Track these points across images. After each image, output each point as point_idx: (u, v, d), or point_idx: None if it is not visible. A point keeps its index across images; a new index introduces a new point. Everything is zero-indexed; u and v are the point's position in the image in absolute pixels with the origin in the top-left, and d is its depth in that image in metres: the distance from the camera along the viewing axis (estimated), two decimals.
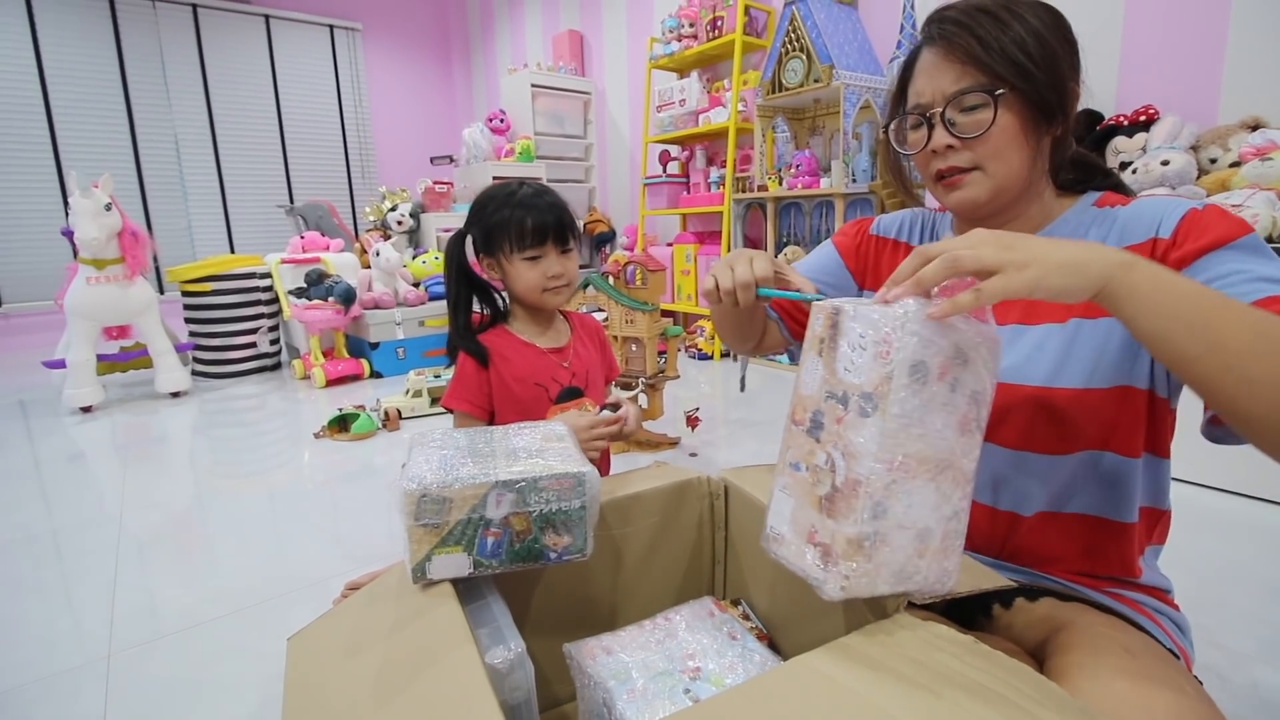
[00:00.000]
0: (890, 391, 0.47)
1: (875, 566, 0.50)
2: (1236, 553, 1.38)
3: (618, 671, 0.65)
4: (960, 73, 0.65)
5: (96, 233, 2.63)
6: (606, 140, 4.71)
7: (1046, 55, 0.63)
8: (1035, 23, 0.64)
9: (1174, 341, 0.47)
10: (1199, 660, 0.89)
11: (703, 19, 3.47)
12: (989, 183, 0.67)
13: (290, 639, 0.63)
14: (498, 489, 0.63)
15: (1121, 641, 0.57)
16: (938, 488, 0.51)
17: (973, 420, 0.52)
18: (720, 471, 0.86)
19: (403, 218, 3.93)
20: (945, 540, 0.53)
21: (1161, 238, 0.61)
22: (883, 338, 0.48)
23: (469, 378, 1.06)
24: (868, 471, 0.48)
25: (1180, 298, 0.47)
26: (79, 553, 1.55)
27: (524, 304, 1.11)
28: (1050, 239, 0.50)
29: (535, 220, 1.02)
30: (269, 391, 3.13)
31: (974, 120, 0.65)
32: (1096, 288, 0.48)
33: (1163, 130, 2.03)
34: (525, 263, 1.04)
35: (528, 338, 1.10)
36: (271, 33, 5.24)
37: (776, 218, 3.25)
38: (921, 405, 0.49)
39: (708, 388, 2.95)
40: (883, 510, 0.49)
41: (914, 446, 0.49)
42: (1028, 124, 0.65)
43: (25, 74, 4.35)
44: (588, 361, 1.14)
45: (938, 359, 0.49)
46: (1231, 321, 0.46)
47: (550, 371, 1.09)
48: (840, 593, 0.50)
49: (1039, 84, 0.63)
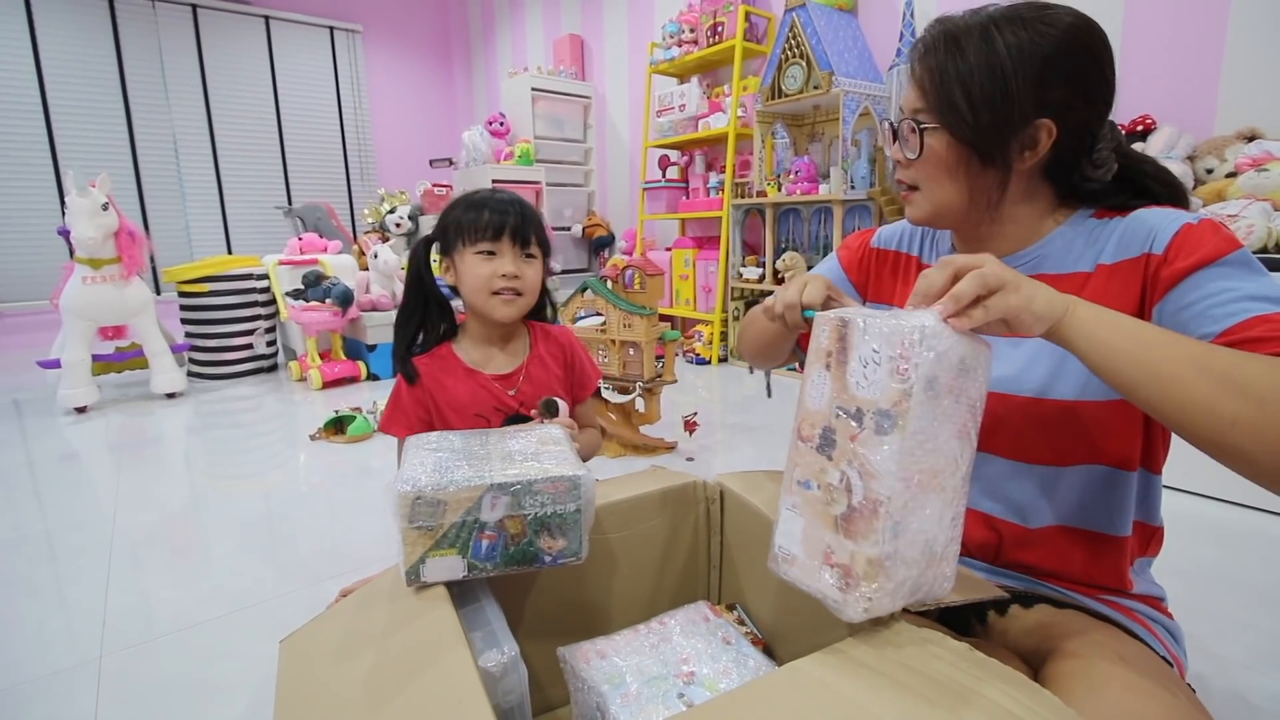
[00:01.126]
0: (910, 409, 0.47)
1: (895, 585, 0.49)
2: (1229, 561, 1.38)
3: (612, 676, 0.65)
4: (914, 95, 0.67)
5: (93, 232, 2.62)
6: (606, 144, 4.72)
7: (993, 96, 0.61)
8: (1003, 54, 0.61)
9: (1116, 370, 0.51)
10: (1192, 669, 0.90)
11: (703, 25, 3.49)
12: (925, 204, 0.70)
13: (282, 641, 0.63)
14: (493, 492, 0.63)
15: (1115, 649, 0.57)
16: (943, 498, 0.51)
17: (970, 427, 0.52)
18: (716, 476, 0.86)
19: (401, 220, 3.93)
20: (946, 547, 0.53)
21: (1154, 253, 0.61)
22: (900, 353, 0.47)
23: (403, 401, 0.98)
24: (888, 491, 0.47)
25: (1119, 332, 0.51)
26: (72, 553, 1.54)
27: (474, 312, 1.01)
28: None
29: (492, 213, 0.94)
30: (265, 393, 3.13)
31: (912, 143, 0.68)
32: (1055, 321, 0.53)
33: (1159, 140, 2.04)
34: (476, 257, 0.95)
35: (472, 362, 1.00)
36: (271, 34, 5.24)
37: (775, 223, 3.25)
38: (934, 420, 0.49)
39: (705, 393, 2.95)
40: (902, 529, 0.49)
41: (927, 461, 0.49)
42: (956, 159, 0.65)
43: (23, 72, 4.35)
44: (543, 385, 1.03)
45: (947, 373, 0.49)
46: (1164, 352, 0.50)
47: (493, 400, 0.99)
48: (863, 614, 0.49)
49: (966, 126, 0.63)
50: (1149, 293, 0.61)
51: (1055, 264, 0.68)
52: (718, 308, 3.48)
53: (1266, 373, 0.47)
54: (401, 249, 3.90)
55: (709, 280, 3.58)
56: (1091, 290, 0.64)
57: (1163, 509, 0.72)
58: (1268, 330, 0.51)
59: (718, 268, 3.48)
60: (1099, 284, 0.64)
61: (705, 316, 3.58)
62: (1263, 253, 1.72)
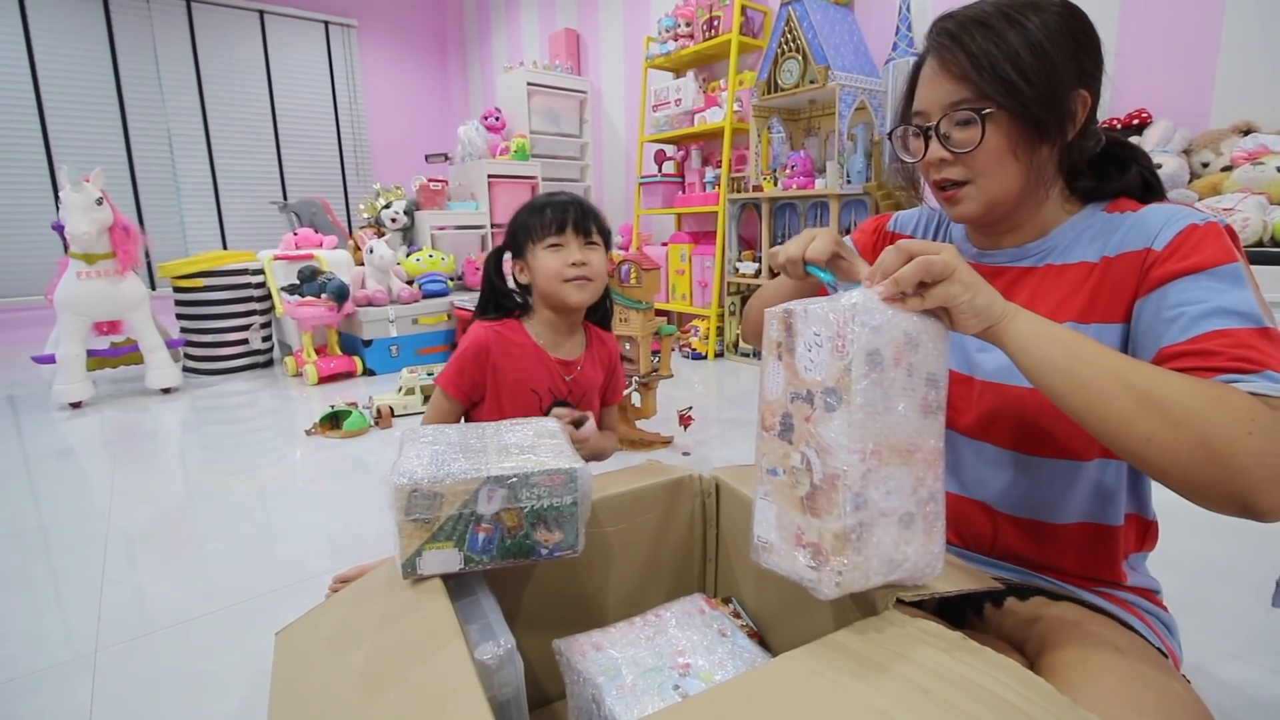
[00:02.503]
0: (852, 382, 0.49)
1: (865, 558, 0.51)
2: (1222, 554, 1.39)
3: (607, 668, 0.65)
4: (953, 88, 0.64)
5: (87, 227, 2.60)
6: (602, 139, 4.71)
7: (1042, 68, 0.61)
8: (1036, 31, 0.62)
9: (1046, 379, 0.53)
10: (1186, 660, 0.90)
11: (699, 19, 3.48)
12: (982, 196, 0.67)
13: (278, 633, 0.63)
14: (489, 484, 0.63)
15: (1111, 640, 0.58)
16: (911, 471, 0.53)
17: (933, 402, 0.54)
18: (712, 470, 0.86)
19: (397, 215, 3.92)
20: (926, 523, 0.54)
21: (1154, 249, 0.60)
22: (836, 332, 0.50)
23: (466, 362, 1.07)
24: (843, 464, 0.49)
25: (1053, 343, 0.53)
26: (67, 548, 1.54)
27: (549, 304, 1.10)
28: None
29: (555, 210, 1.05)
30: (261, 388, 3.12)
31: (965, 136, 0.65)
32: (993, 323, 0.55)
33: (1155, 134, 2.04)
34: (547, 251, 1.05)
35: (540, 342, 1.10)
36: (266, 28, 5.21)
37: (771, 218, 3.25)
38: (883, 393, 0.51)
39: (701, 387, 2.96)
40: (863, 501, 0.50)
41: (882, 433, 0.51)
42: (1019, 140, 0.64)
43: (17, 67, 4.32)
44: (590, 382, 1.14)
45: (890, 346, 0.51)
46: (1093, 367, 0.52)
47: (551, 380, 1.09)
48: (836, 589, 0.51)
49: (1028, 101, 0.62)
50: (1139, 286, 0.61)
51: (1063, 254, 0.68)
52: (714, 302, 3.48)
53: (1186, 393, 0.49)
54: (397, 244, 3.89)
55: (705, 275, 3.58)
56: (1095, 280, 0.65)
57: (1155, 502, 0.72)
58: (1221, 345, 0.53)
59: (714, 262, 3.48)
60: (1101, 274, 0.64)
61: (701, 311, 3.58)
62: (1258, 246, 1.73)
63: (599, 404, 1.19)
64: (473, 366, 1.07)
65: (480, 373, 1.08)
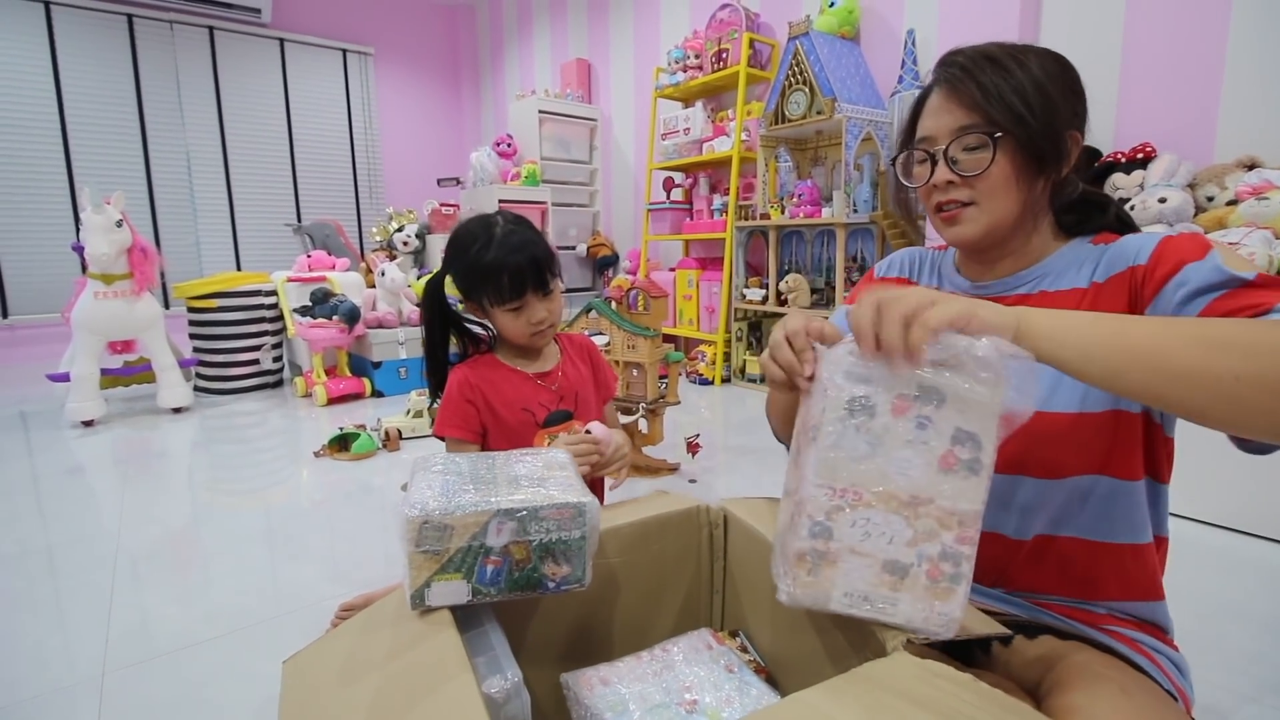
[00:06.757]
0: (824, 424, 0.53)
1: (820, 582, 0.54)
2: (1236, 591, 1.37)
3: (614, 703, 0.65)
4: (963, 115, 0.69)
5: (107, 248, 2.66)
6: (611, 166, 4.78)
7: (1044, 105, 0.66)
8: (1038, 72, 0.67)
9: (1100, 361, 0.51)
10: (1199, 701, 0.89)
11: (708, 51, 3.54)
12: (984, 219, 0.70)
13: (286, 662, 0.63)
14: (499, 517, 0.63)
15: (1119, 681, 0.57)
16: (908, 522, 0.53)
17: (964, 460, 0.52)
18: (720, 501, 0.86)
19: (409, 238, 3.98)
20: (933, 580, 0.53)
21: (1139, 264, 0.65)
22: (826, 375, 0.55)
23: (455, 403, 1.06)
24: (808, 494, 0.54)
25: (1085, 325, 0.52)
26: (75, 568, 1.54)
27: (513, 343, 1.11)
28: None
29: (512, 273, 1.00)
30: (270, 409, 3.14)
31: (974, 159, 0.69)
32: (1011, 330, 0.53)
33: (1160, 168, 2.06)
34: (508, 314, 1.04)
35: (514, 364, 1.11)
36: (285, 56, 5.34)
37: (778, 245, 3.28)
38: (871, 439, 0.53)
39: (708, 413, 2.96)
40: (825, 530, 0.53)
41: (863, 477, 0.53)
42: (1022, 168, 0.68)
43: (43, 91, 4.44)
44: (577, 381, 1.14)
45: (888, 396, 0.53)
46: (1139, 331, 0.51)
47: (536, 396, 1.09)
48: (785, 599, 0.56)
49: (1033, 132, 0.66)
50: (1137, 299, 0.64)
51: (1055, 281, 0.72)
52: (721, 328, 3.49)
53: (1236, 329, 0.49)
54: (408, 267, 3.94)
55: (712, 301, 3.60)
56: (1088, 305, 0.68)
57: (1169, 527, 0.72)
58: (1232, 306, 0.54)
59: (721, 289, 3.50)
60: (1093, 299, 0.68)
61: (709, 337, 3.59)
62: None
63: (596, 400, 1.17)
64: (463, 402, 1.07)
65: (472, 406, 1.07)
